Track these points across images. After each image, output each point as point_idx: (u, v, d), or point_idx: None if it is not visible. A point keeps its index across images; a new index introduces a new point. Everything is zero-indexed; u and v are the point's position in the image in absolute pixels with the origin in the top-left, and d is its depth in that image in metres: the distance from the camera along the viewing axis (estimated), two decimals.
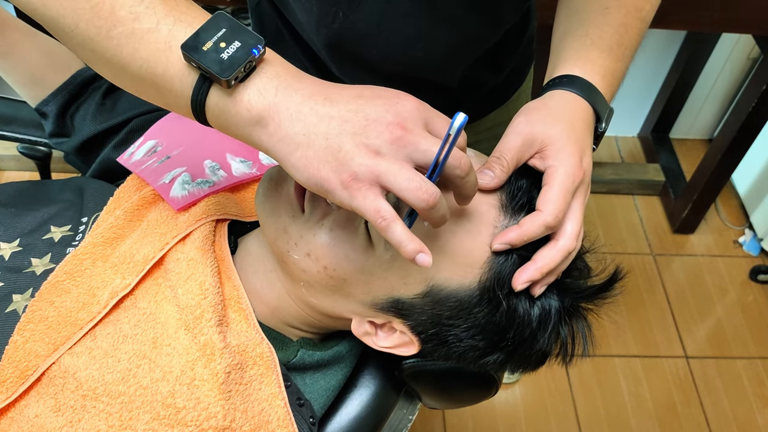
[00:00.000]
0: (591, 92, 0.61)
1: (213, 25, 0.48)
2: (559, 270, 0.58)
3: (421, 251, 0.47)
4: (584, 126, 0.60)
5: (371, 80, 0.77)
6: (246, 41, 0.48)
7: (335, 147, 0.46)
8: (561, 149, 0.57)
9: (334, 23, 0.70)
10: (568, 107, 0.60)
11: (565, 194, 0.55)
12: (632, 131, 2.29)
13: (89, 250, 0.68)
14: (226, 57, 0.47)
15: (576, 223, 0.57)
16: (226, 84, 0.47)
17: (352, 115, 0.47)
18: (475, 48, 0.78)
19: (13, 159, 1.92)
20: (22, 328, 0.62)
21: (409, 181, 0.45)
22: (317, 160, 0.46)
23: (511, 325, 0.59)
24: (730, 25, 1.46)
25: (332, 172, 0.46)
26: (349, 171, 0.46)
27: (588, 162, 0.59)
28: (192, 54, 0.47)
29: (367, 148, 0.46)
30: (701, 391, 1.71)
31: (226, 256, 0.69)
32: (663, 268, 1.95)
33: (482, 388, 0.73)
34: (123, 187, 0.76)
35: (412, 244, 0.47)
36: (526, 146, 0.57)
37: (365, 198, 0.46)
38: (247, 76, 0.48)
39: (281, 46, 0.84)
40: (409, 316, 0.60)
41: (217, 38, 0.48)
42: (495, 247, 0.56)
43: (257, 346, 0.64)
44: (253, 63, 0.47)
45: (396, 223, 0.46)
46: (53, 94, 0.84)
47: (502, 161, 0.57)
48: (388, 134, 0.46)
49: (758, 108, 1.63)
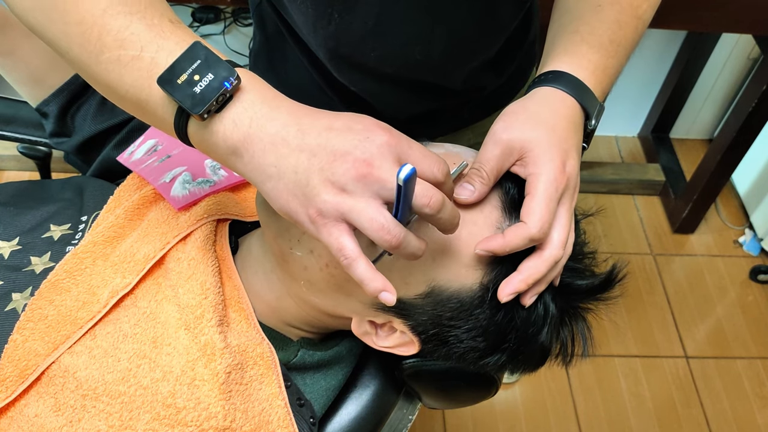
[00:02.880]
0: (578, 88, 0.59)
1: (188, 56, 0.48)
2: (548, 279, 0.57)
3: (383, 290, 0.47)
4: (568, 125, 0.57)
5: (371, 83, 0.78)
6: (219, 73, 0.48)
7: (303, 182, 0.46)
8: (541, 155, 0.54)
9: (330, 24, 0.70)
10: (549, 107, 0.58)
11: (548, 203, 0.53)
12: (632, 131, 2.29)
13: (89, 248, 0.68)
14: (198, 91, 0.47)
15: (562, 231, 0.55)
16: (199, 118, 0.48)
17: (320, 150, 0.46)
18: (475, 51, 0.78)
19: (13, 159, 1.92)
20: (22, 327, 0.62)
21: (371, 221, 0.45)
22: (287, 192, 0.47)
23: (512, 326, 0.59)
24: (730, 25, 1.46)
25: (300, 206, 0.47)
26: (315, 207, 0.46)
27: (573, 165, 0.56)
28: (167, 88, 0.48)
29: (332, 185, 0.46)
30: (701, 391, 1.71)
31: (227, 256, 0.69)
32: (663, 268, 1.95)
33: (482, 388, 0.73)
34: (123, 185, 0.76)
35: (374, 283, 0.47)
36: (505, 155, 0.55)
37: (330, 235, 0.46)
38: (223, 106, 0.48)
39: (282, 48, 0.84)
40: (410, 316, 0.60)
41: (192, 71, 0.48)
42: (477, 251, 0.55)
43: (258, 346, 0.64)
44: (227, 94, 0.48)
45: (358, 261, 0.46)
46: (54, 94, 0.84)
47: (481, 173, 0.55)
48: (353, 171, 0.45)
49: (758, 108, 1.63)
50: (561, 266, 0.57)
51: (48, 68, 0.83)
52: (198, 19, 1.89)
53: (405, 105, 0.82)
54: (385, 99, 0.80)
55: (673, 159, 2.16)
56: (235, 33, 1.94)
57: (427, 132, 0.85)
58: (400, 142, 0.48)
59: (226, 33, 1.93)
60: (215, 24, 1.91)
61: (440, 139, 0.87)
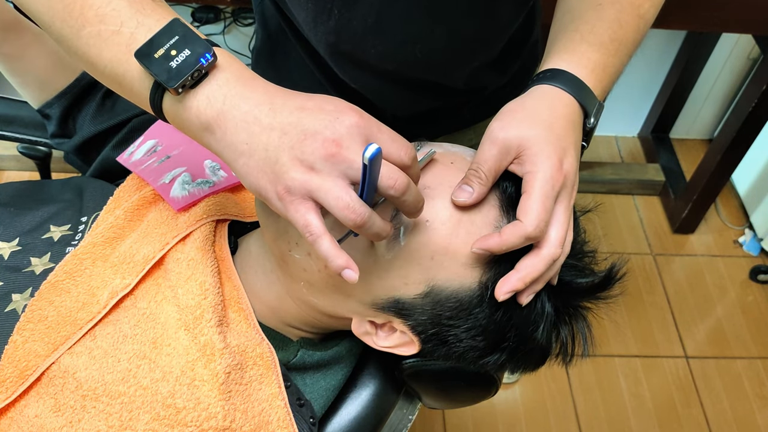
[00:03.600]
0: (577, 86, 0.59)
1: (167, 32, 0.49)
2: (546, 277, 0.56)
3: (347, 267, 0.48)
4: (566, 124, 0.57)
5: (372, 80, 0.78)
6: (195, 50, 0.49)
7: (273, 159, 0.47)
8: (538, 153, 0.54)
9: (330, 20, 0.70)
10: (547, 105, 0.57)
11: (544, 201, 0.53)
12: (632, 131, 2.29)
13: (89, 249, 0.68)
14: (174, 65, 0.48)
15: (560, 229, 0.55)
16: (174, 92, 0.49)
17: (291, 128, 0.47)
18: (476, 50, 0.78)
19: (13, 159, 1.92)
20: (22, 328, 0.62)
21: (337, 199, 0.46)
22: (257, 170, 0.48)
23: (511, 324, 0.59)
24: (730, 25, 1.46)
25: (269, 183, 0.48)
26: (283, 184, 0.47)
27: (570, 163, 0.55)
28: (144, 61, 0.49)
29: (301, 163, 0.47)
30: (701, 391, 1.71)
31: (226, 257, 0.69)
32: (663, 268, 1.95)
33: (482, 388, 0.73)
34: (123, 186, 0.76)
35: (338, 260, 0.48)
36: (502, 154, 0.55)
37: (297, 211, 0.47)
38: (198, 83, 0.49)
39: (284, 46, 0.84)
40: (410, 316, 0.60)
41: (169, 46, 0.49)
42: (473, 250, 0.55)
43: (257, 346, 0.64)
44: (203, 71, 0.48)
45: (323, 238, 0.47)
46: (57, 97, 0.84)
47: (479, 174, 0.55)
48: (322, 150, 0.46)
49: (758, 108, 1.63)
50: (559, 265, 0.57)
51: (53, 72, 0.83)
52: (198, 19, 1.89)
53: (406, 103, 0.82)
54: (386, 97, 0.81)
55: (673, 159, 2.16)
56: (235, 33, 1.94)
57: (429, 131, 0.85)
58: (370, 124, 0.48)
59: (226, 33, 1.93)
60: (215, 24, 1.91)
61: (441, 138, 0.87)
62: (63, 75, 0.84)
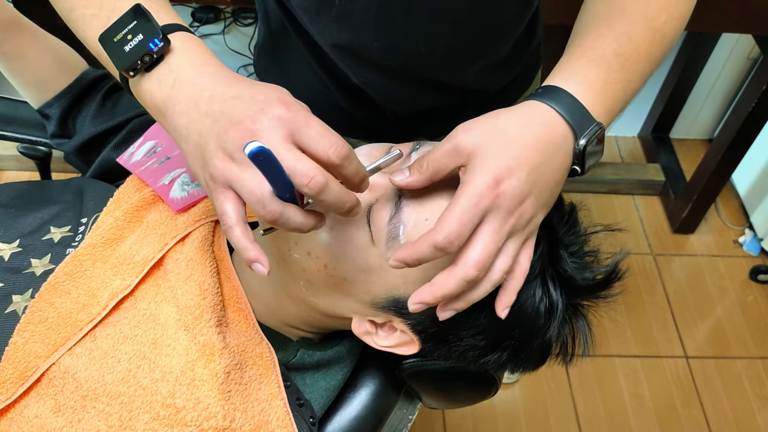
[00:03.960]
0: (567, 104, 0.54)
1: (126, 17, 0.52)
2: (468, 299, 0.52)
3: (256, 260, 0.48)
4: (535, 143, 0.52)
5: (374, 75, 0.77)
6: (146, 35, 0.51)
7: (203, 146, 0.49)
8: (478, 166, 0.50)
9: (332, 11, 0.70)
10: (520, 121, 0.53)
11: (461, 215, 0.49)
12: (632, 131, 2.29)
13: (89, 251, 0.68)
14: (127, 50, 0.51)
15: (481, 251, 0.49)
16: (127, 74, 0.52)
17: (221, 116, 0.48)
18: (482, 50, 0.77)
19: (13, 159, 1.92)
20: (22, 329, 0.62)
21: (250, 193, 0.47)
22: (192, 155, 0.50)
23: (515, 323, 0.59)
24: (730, 25, 1.46)
25: (200, 168, 0.50)
26: (209, 171, 0.49)
27: (513, 185, 0.50)
28: (103, 45, 0.53)
29: (223, 152, 0.48)
30: (701, 391, 1.71)
31: (225, 257, 0.69)
32: (663, 268, 1.95)
33: (482, 388, 0.73)
34: (123, 188, 0.76)
35: (247, 252, 0.48)
36: (452, 154, 0.52)
37: (217, 199, 0.49)
38: (153, 65, 0.51)
39: (286, 42, 0.84)
40: (410, 316, 0.60)
41: (127, 30, 0.51)
42: (390, 263, 0.52)
43: (257, 346, 0.64)
44: (153, 56, 0.51)
45: (234, 228, 0.48)
46: (57, 97, 0.84)
47: (422, 162, 0.53)
48: (240, 140, 0.47)
49: (758, 108, 1.62)
50: (483, 290, 0.52)
51: (53, 72, 0.83)
52: (198, 19, 1.89)
53: (408, 101, 0.82)
54: (387, 93, 0.80)
55: (673, 159, 2.16)
56: (235, 33, 1.94)
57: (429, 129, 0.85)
58: (297, 119, 0.48)
59: (226, 33, 1.93)
60: (215, 24, 1.91)
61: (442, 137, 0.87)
62: (63, 75, 0.84)
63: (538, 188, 0.52)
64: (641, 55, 0.58)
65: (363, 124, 0.87)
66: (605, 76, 0.56)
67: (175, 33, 0.52)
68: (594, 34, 0.59)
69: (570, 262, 0.60)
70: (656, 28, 0.59)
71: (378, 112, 0.85)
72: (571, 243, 0.62)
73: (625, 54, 0.57)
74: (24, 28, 0.80)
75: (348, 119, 0.87)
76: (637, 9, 0.59)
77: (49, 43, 0.82)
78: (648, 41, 0.59)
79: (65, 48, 0.85)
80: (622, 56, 0.57)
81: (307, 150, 0.47)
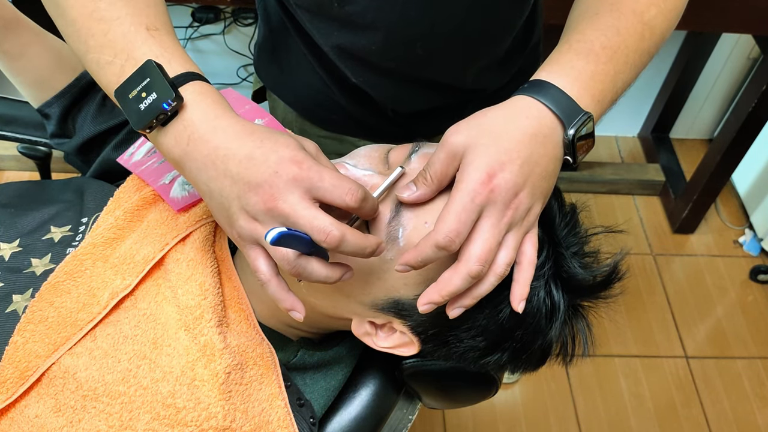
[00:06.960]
0: (554, 96, 0.54)
1: (139, 74, 0.53)
2: (475, 295, 0.53)
3: (292, 309, 0.53)
4: (521, 136, 0.52)
5: (373, 75, 0.78)
6: (160, 95, 0.51)
7: (226, 206, 0.51)
8: (470, 163, 0.51)
9: (331, 11, 0.70)
10: (506, 115, 0.54)
11: (459, 213, 0.50)
12: (632, 131, 2.29)
13: (89, 250, 0.68)
14: (142, 108, 0.52)
15: (482, 246, 0.50)
16: (143, 132, 0.53)
17: (238, 179, 0.50)
18: (480, 50, 0.78)
19: (13, 159, 1.92)
20: (22, 329, 0.62)
21: (274, 250, 0.50)
22: (216, 211, 0.53)
23: (517, 324, 0.59)
24: (730, 25, 1.46)
25: (227, 225, 0.53)
26: (235, 230, 0.52)
27: (506, 179, 0.51)
28: (119, 101, 0.54)
29: (246, 214, 0.50)
30: (701, 391, 1.71)
31: (226, 257, 0.69)
32: (663, 268, 1.95)
33: (482, 388, 0.73)
34: (123, 187, 0.76)
35: (283, 303, 0.53)
36: (449, 159, 0.53)
37: (248, 256, 0.52)
38: (169, 120, 0.52)
39: (286, 41, 0.84)
40: (409, 317, 0.60)
41: (141, 88, 0.52)
42: (397, 269, 0.53)
43: (257, 346, 0.64)
44: (168, 114, 0.51)
45: (270, 282, 0.52)
46: (57, 96, 0.84)
47: (425, 175, 0.54)
48: (262, 204, 0.49)
49: (758, 108, 1.63)
50: (489, 284, 0.53)
51: (53, 71, 0.83)
52: (198, 19, 1.89)
53: (407, 100, 0.82)
54: (386, 93, 0.81)
55: (673, 159, 2.16)
56: (235, 33, 1.94)
57: (428, 128, 0.85)
58: (310, 176, 0.50)
59: (226, 33, 1.93)
60: (215, 24, 1.91)
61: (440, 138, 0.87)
62: (63, 74, 0.84)
63: (532, 180, 0.53)
64: (630, 47, 0.59)
65: (363, 123, 0.87)
66: (593, 68, 0.57)
67: (186, 85, 0.53)
68: (582, 27, 0.60)
69: (571, 263, 0.60)
70: (646, 21, 0.60)
71: (378, 111, 0.85)
72: (572, 244, 0.62)
73: (613, 47, 0.58)
74: (24, 27, 0.80)
75: (348, 118, 0.87)
76: (627, 3, 0.60)
77: (50, 43, 0.82)
78: (638, 34, 0.60)
79: (65, 47, 0.84)
80: (609, 49, 0.58)
81: (325, 201, 0.50)
